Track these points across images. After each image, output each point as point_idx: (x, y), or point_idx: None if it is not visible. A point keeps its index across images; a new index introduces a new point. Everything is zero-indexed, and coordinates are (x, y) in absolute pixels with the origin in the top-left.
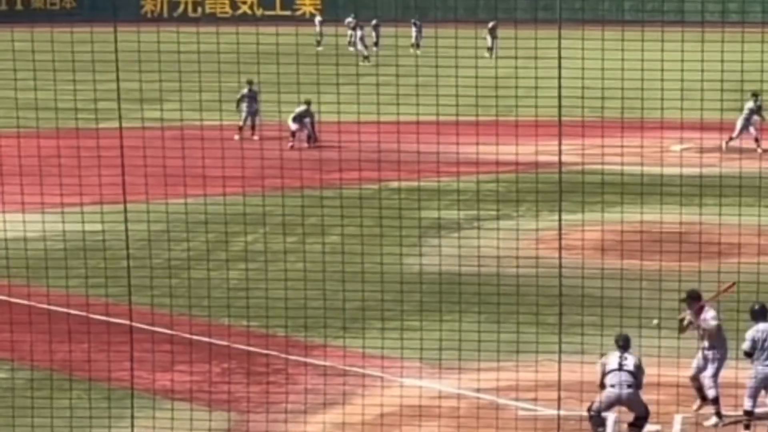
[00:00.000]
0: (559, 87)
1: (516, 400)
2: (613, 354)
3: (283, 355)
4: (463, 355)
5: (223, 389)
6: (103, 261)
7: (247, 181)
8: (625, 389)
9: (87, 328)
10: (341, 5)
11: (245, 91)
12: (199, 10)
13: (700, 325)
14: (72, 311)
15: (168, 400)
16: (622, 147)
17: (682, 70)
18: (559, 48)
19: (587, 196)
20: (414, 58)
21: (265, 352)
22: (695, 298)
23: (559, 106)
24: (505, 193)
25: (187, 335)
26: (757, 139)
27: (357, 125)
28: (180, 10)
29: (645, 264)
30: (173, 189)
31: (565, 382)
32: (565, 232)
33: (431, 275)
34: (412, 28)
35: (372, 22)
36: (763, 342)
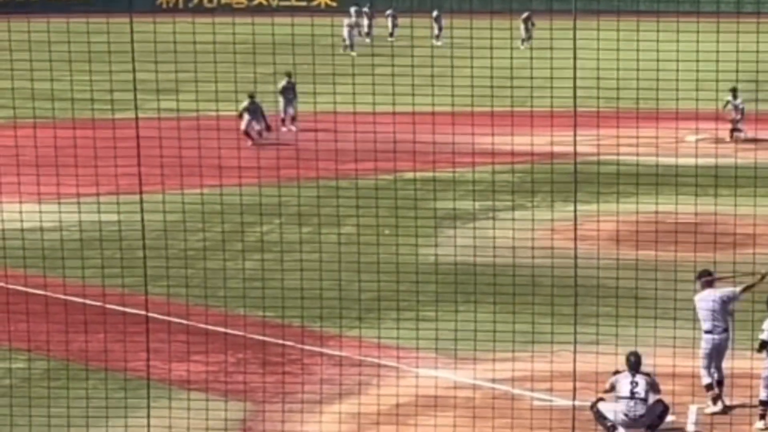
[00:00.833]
0: (575, 77)
1: (531, 390)
2: (625, 377)
3: (299, 346)
4: (479, 346)
5: (239, 379)
6: (119, 251)
7: (263, 172)
8: (638, 420)
9: (103, 318)
10: None
11: (284, 83)
12: (214, 0)
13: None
14: (88, 301)
15: (184, 390)
16: (637, 137)
17: (698, 61)
18: (575, 38)
19: (602, 186)
20: (430, 48)
21: (280, 342)
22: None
23: (575, 97)
24: (520, 184)
25: (202, 325)
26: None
27: (372, 116)
28: (195, 0)
29: (660, 255)
30: (189, 179)
31: (580, 372)
32: (580, 222)
33: (446, 266)
34: (433, 21)
35: (387, 12)
36: None
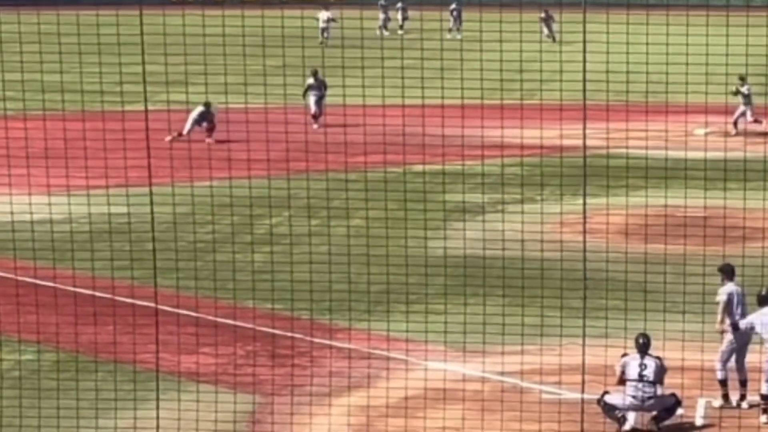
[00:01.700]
0: (584, 71)
1: (540, 383)
2: (634, 359)
3: (308, 338)
4: (487, 339)
5: (248, 372)
6: (128, 243)
7: (272, 164)
8: (646, 402)
9: (112, 311)
10: None
11: (311, 80)
12: None
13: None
14: (97, 293)
15: (193, 382)
16: (647, 131)
17: (707, 54)
18: (584, 31)
19: (611, 180)
20: (439, 41)
21: (289, 334)
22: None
23: (584, 90)
24: (530, 177)
25: (212, 318)
26: (735, 123)
27: (382, 108)
28: None
29: (669, 248)
30: (198, 172)
31: (589, 365)
32: (589, 215)
33: (455, 258)
34: (450, 14)
35: (397, 4)
36: None
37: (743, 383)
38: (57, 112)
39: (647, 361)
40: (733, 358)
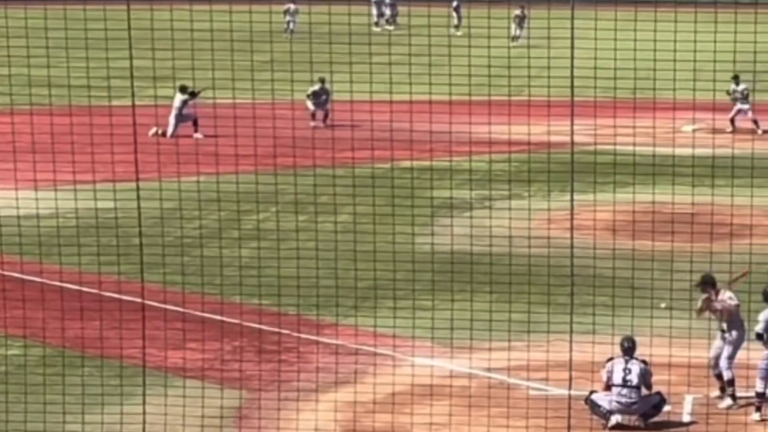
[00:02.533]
0: (572, 67)
1: (527, 379)
2: (618, 364)
3: (295, 334)
4: (475, 335)
5: (235, 367)
6: (115, 238)
7: (260, 160)
8: (632, 406)
9: (99, 306)
10: None
11: (316, 88)
12: None
13: (716, 308)
14: (84, 288)
15: (180, 377)
16: (634, 127)
17: (695, 51)
18: (572, 28)
19: (599, 176)
20: (427, 37)
21: (276, 330)
22: (709, 283)
23: (572, 86)
24: (517, 173)
25: (198, 313)
26: (732, 120)
27: (369, 104)
28: None
29: (656, 245)
30: (186, 167)
31: (576, 362)
32: (576, 212)
33: (443, 255)
34: (452, 11)
35: (387, 0)
36: None
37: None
38: (44, 106)
39: (632, 365)
40: (723, 354)
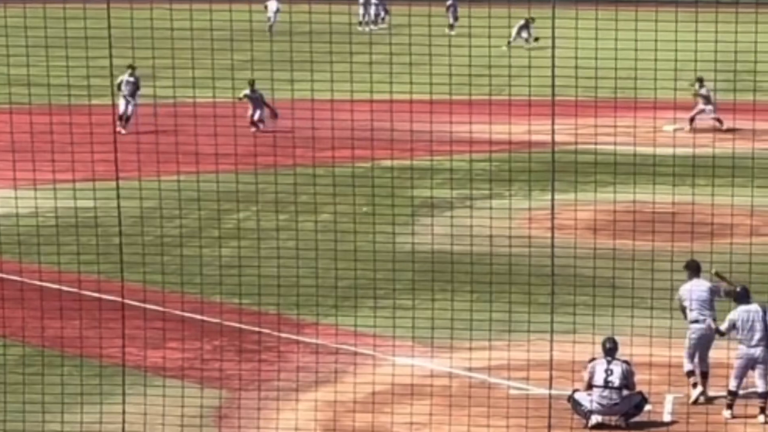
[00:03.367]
0: (553, 66)
1: (508, 379)
2: (600, 364)
3: (275, 333)
4: (455, 334)
5: (215, 366)
6: (95, 237)
7: (240, 159)
8: (613, 407)
9: (79, 305)
10: None
11: (247, 92)
12: None
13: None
14: (64, 287)
15: (159, 377)
16: (615, 127)
17: (676, 50)
18: (553, 27)
19: (580, 175)
20: (408, 36)
21: (257, 329)
22: (693, 268)
23: (553, 86)
24: (498, 173)
25: (178, 312)
26: (692, 119)
27: (350, 103)
28: None
29: (637, 244)
30: (166, 166)
31: (557, 361)
32: (557, 211)
33: (423, 254)
34: (446, 10)
35: None
36: (744, 323)
37: (704, 375)
38: (23, 105)
39: (613, 366)
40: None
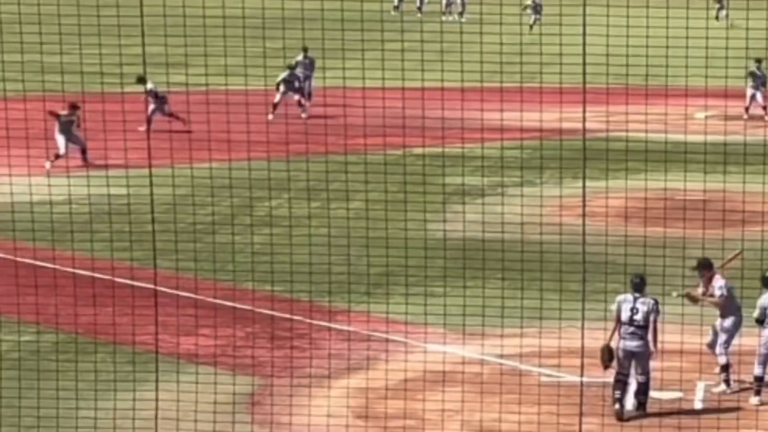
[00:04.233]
0: (584, 53)
1: (539, 366)
2: (627, 301)
3: (307, 320)
4: (487, 321)
5: (247, 353)
6: (128, 225)
7: (272, 146)
8: (635, 342)
9: (112, 292)
10: None
11: (299, 57)
12: None
13: (713, 294)
14: (97, 275)
15: (192, 364)
16: (646, 114)
17: (707, 38)
18: (584, 14)
19: (611, 163)
20: (439, 23)
21: (288, 316)
22: (706, 266)
23: (584, 73)
24: (529, 160)
25: (211, 299)
26: (765, 107)
27: (382, 91)
28: None
29: (668, 231)
30: (198, 153)
31: (588, 348)
32: (588, 199)
33: (455, 241)
34: None
35: None
36: None
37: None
38: (57, 93)
39: (639, 305)
40: (719, 341)
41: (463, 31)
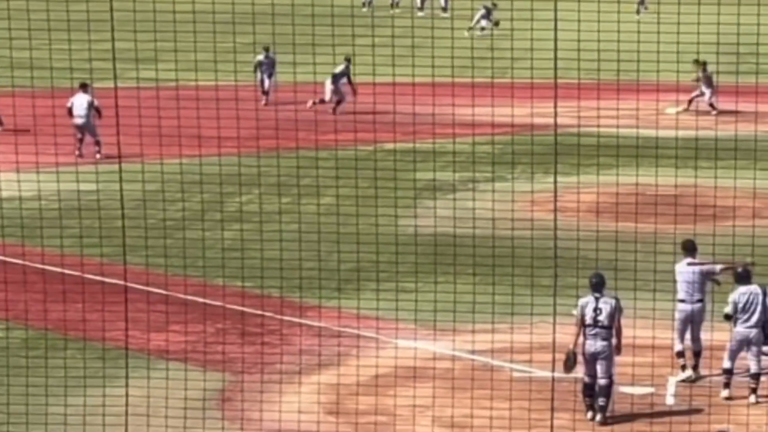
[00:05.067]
0: (555, 48)
1: (510, 361)
2: (589, 303)
3: (278, 316)
4: (458, 317)
5: (218, 350)
6: (97, 221)
7: (242, 142)
8: (599, 343)
9: (81, 288)
10: None
11: (261, 57)
12: None
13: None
14: (66, 271)
15: (162, 360)
16: (618, 109)
17: (678, 33)
18: (555, 9)
19: (582, 158)
20: (410, 19)
21: (259, 312)
22: (690, 249)
23: (555, 68)
24: (501, 155)
25: (181, 295)
26: (690, 101)
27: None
28: None
29: (640, 226)
30: (168, 149)
31: (560, 344)
32: (560, 194)
33: (426, 237)
34: None
35: None
36: (745, 304)
37: (697, 354)
38: (26, 88)
39: (602, 305)
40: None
41: (434, 27)
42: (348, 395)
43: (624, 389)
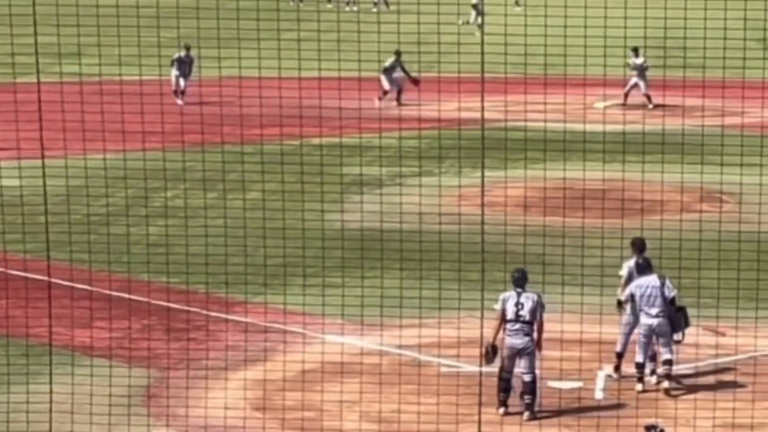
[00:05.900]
0: (482, 43)
1: (438, 356)
2: (511, 298)
3: (204, 312)
4: (385, 312)
5: (143, 346)
6: (20, 216)
7: (167, 137)
8: (520, 339)
9: (5, 284)
10: None
11: (181, 54)
12: None
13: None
14: None
15: (87, 356)
16: (545, 104)
17: (605, 27)
18: (483, 3)
19: (510, 152)
20: (336, 13)
21: (185, 308)
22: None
23: (482, 62)
24: (428, 150)
25: (106, 291)
26: (626, 95)
27: (278, 81)
28: None
29: (567, 221)
30: (92, 144)
31: (487, 338)
32: (487, 188)
33: (353, 232)
34: None
35: None
36: (646, 296)
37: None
38: None
39: (524, 300)
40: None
41: (360, 21)
42: (275, 391)
43: (552, 384)
